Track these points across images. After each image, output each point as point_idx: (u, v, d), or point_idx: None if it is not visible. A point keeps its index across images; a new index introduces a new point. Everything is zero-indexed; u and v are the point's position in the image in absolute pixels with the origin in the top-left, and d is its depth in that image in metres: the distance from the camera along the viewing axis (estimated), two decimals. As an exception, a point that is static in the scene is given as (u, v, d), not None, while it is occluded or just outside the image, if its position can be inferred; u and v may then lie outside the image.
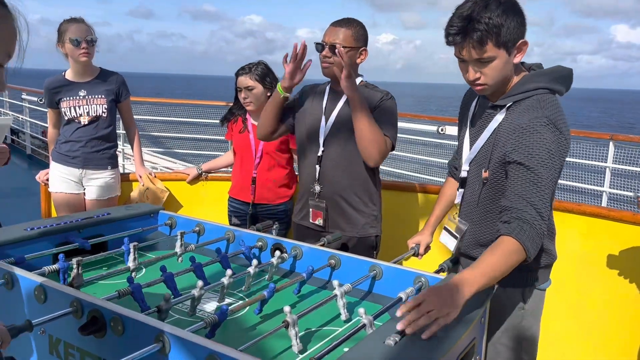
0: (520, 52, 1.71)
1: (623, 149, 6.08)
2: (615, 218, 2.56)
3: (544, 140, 1.63)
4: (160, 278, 1.74)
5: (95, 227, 2.28)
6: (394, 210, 2.97)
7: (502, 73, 1.71)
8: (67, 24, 3.17)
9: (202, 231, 2.37)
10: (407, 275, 1.86)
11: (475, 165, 1.88)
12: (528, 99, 1.73)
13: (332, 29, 2.47)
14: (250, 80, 3.05)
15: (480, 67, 1.70)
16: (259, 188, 3.13)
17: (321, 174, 2.56)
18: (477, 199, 1.87)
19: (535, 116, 1.67)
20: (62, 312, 1.45)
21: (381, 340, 1.28)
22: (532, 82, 1.74)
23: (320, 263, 2.01)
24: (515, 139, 1.67)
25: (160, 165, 8.82)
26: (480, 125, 1.88)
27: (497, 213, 1.78)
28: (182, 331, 1.29)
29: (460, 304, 1.44)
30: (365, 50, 2.53)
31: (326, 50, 2.46)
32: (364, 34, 2.51)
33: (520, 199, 1.62)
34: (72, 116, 3.23)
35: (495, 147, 1.77)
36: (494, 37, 1.62)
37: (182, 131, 8.81)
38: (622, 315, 2.54)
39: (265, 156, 3.12)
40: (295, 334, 1.46)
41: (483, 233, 1.90)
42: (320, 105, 2.62)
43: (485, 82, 1.73)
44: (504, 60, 1.68)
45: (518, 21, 1.65)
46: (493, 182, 1.80)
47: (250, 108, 3.11)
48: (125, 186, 3.51)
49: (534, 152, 1.63)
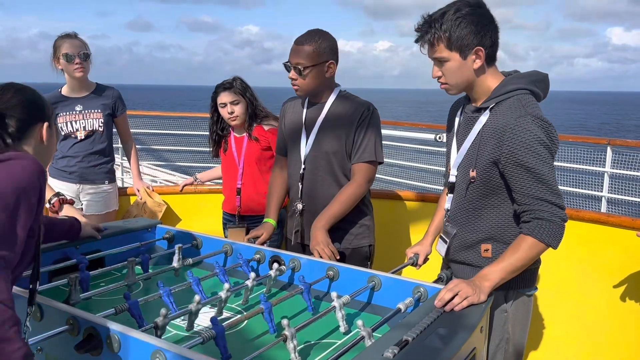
0: (478, 59, 1.82)
1: (621, 153, 6.08)
2: (614, 224, 2.56)
3: (535, 137, 1.73)
4: (158, 294, 1.72)
5: (92, 242, 2.27)
6: (388, 220, 2.96)
7: (459, 75, 1.85)
8: (61, 40, 3.19)
9: (199, 244, 2.36)
10: (405, 285, 1.85)
11: (463, 169, 1.93)
12: (509, 99, 1.83)
13: (295, 48, 2.36)
14: (234, 95, 3.05)
15: (439, 66, 1.87)
16: (245, 199, 3.13)
17: (304, 191, 2.50)
18: (464, 199, 1.93)
19: (519, 115, 1.76)
20: (58, 330, 1.45)
21: (379, 353, 1.27)
22: (511, 84, 1.85)
23: (318, 275, 2.00)
24: (508, 141, 1.75)
25: (160, 178, 8.81)
26: (466, 129, 1.95)
27: (482, 212, 1.89)
28: (178, 347, 1.28)
29: (485, 292, 1.67)
30: (333, 62, 2.42)
31: (292, 72, 2.38)
32: (328, 46, 2.38)
33: (533, 199, 1.75)
34: (68, 131, 3.23)
35: (481, 147, 1.85)
36: (444, 40, 1.80)
37: (182, 144, 8.81)
38: (623, 320, 2.53)
39: (248, 165, 3.12)
40: (294, 347, 1.44)
41: (469, 234, 1.93)
42: (299, 118, 2.54)
43: (445, 82, 1.89)
44: (458, 62, 1.82)
45: (474, 29, 1.79)
46: (480, 182, 1.87)
47: (235, 123, 3.11)
48: (123, 200, 3.50)
49: (530, 150, 1.73)
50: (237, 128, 3.17)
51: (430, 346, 1.34)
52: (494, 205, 1.88)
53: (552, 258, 2.66)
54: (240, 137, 3.16)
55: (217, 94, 3.11)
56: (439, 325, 1.47)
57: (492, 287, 1.70)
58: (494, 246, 1.89)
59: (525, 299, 1.94)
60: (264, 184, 3.13)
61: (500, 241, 1.88)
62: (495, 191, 1.86)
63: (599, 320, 2.59)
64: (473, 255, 1.93)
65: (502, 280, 1.73)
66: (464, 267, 1.97)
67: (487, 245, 1.91)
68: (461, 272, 1.96)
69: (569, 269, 2.63)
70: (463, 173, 1.92)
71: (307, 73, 2.35)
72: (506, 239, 1.87)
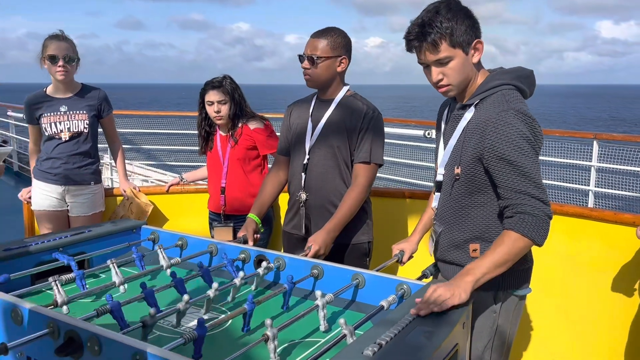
0: (477, 52, 1.82)
1: (607, 147, 6.14)
2: (598, 218, 2.58)
3: (518, 130, 1.71)
4: (140, 295, 1.72)
5: (76, 244, 2.26)
6: (383, 217, 2.97)
7: (462, 72, 1.82)
8: (48, 40, 3.16)
9: (184, 245, 2.36)
10: (389, 283, 1.86)
11: (449, 167, 1.92)
12: (493, 95, 1.83)
13: (310, 41, 2.51)
14: (222, 94, 3.06)
15: (441, 68, 1.81)
16: (229, 199, 3.13)
17: (307, 182, 2.56)
18: (449, 196, 1.91)
19: (502, 110, 1.75)
20: (39, 334, 1.44)
21: (360, 351, 1.28)
22: (496, 80, 1.84)
23: (303, 273, 2.00)
24: (490, 135, 1.74)
25: (151, 178, 8.77)
26: (452, 127, 1.95)
27: (468, 210, 1.87)
28: (159, 349, 1.28)
29: (465, 289, 1.60)
30: (346, 58, 2.53)
31: (305, 62, 2.50)
32: (342, 42, 2.50)
33: (516, 193, 1.72)
34: (52, 132, 3.21)
35: (465, 143, 1.84)
36: (447, 38, 1.76)
37: (172, 143, 8.79)
38: (609, 313, 2.55)
39: (233, 164, 3.12)
40: (274, 347, 1.45)
41: (456, 233, 1.92)
42: (306, 114, 2.63)
43: (448, 83, 1.83)
44: (462, 59, 1.79)
45: (469, 23, 1.78)
46: (465, 178, 1.85)
47: (221, 122, 3.12)
48: (110, 201, 3.48)
49: (512, 144, 1.70)
50: (223, 127, 3.17)
51: (411, 343, 1.35)
52: (480, 203, 1.86)
53: (537, 253, 2.69)
54: (225, 136, 3.16)
55: (205, 91, 3.11)
56: (420, 322, 1.48)
57: (475, 282, 1.64)
58: (482, 246, 1.87)
59: (515, 300, 1.91)
60: (248, 184, 3.13)
61: (488, 241, 1.85)
62: (481, 189, 1.84)
63: (584, 313, 2.61)
64: (461, 255, 1.92)
65: (485, 275, 1.66)
66: (452, 267, 1.95)
67: (475, 245, 1.89)
68: (450, 272, 1.93)
69: (554, 264, 2.65)
70: (449, 171, 1.91)
71: (320, 63, 2.47)
72: (494, 238, 1.79)
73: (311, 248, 2.31)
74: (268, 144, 3.13)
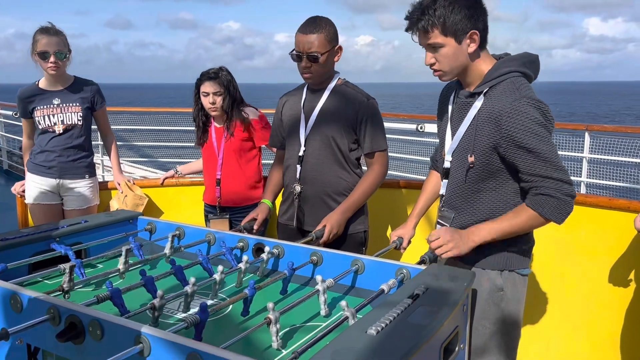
0: (473, 42, 1.83)
1: (598, 138, 6.19)
2: (592, 204, 2.60)
3: (533, 118, 1.76)
4: (141, 282, 1.71)
5: (73, 235, 2.24)
6: (379, 207, 2.98)
7: (455, 60, 1.85)
8: (39, 35, 3.12)
9: (182, 235, 2.35)
10: (388, 267, 1.86)
11: (458, 154, 1.95)
12: (502, 83, 1.85)
13: (303, 37, 2.41)
14: (218, 86, 3.05)
15: (433, 52, 1.86)
16: (224, 190, 3.12)
17: (303, 173, 2.56)
18: (463, 184, 1.95)
19: (514, 99, 1.78)
20: (39, 320, 1.43)
21: (363, 330, 1.28)
22: (504, 67, 1.86)
23: (302, 260, 2.00)
24: (506, 125, 1.78)
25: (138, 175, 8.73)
26: (460, 115, 1.96)
27: (480, 195, 1.92)
28: (161, 332, 1.28)
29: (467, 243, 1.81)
30: (340, 47, 2.53)
31: (305, 61, 2.43)
32: (334, 31, 2.47)
33: (538, 177, 1.79)
34: (46, 125, 3.18)
35: (478, 132, 1.87)
36: (439, 25, 1.79)
37: (164, 139, 8.74)
38: (603, 298, 2.58)
39: (228, 156, 3.11)
40: (276, 331, 1.45)
41: (468, 216, 1.96)
42: (298, 105, 2.61)
43: (440, 68, 1.88)
44: (453, 47, 1.82)
45: (467, 13, 1.79)
46: (480, 166, 1.89)
47: (215, 113, 3.11)
48: (104, 194, 3.47)
49: (529, 132, 1.76)
50: (218, 118, 3.16)
51: (414, 323, 1.35)
52: (493, 187, 1.91)
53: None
54: (220, 128, 3.15)
55: (201, 82, 3.09)
56: (421, 303, 1.48)
57: (479, 243, 1.82)
58: None
59: (519, 278, 1.97)
60: (243, 176, 3.13)
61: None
62: (495, 174, 1.89)
63: (578, 299, 2.64)
64: None
65: (490, 239, 1.82)
66: None
67: None
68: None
69: (549, 250, 2.67)
70: (459, 159, 1.94)
71: (323, 60, 2.42)
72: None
73: (321, 233, 2.34)
74: (263, 136, 3.12)
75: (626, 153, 6.20)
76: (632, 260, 2.49)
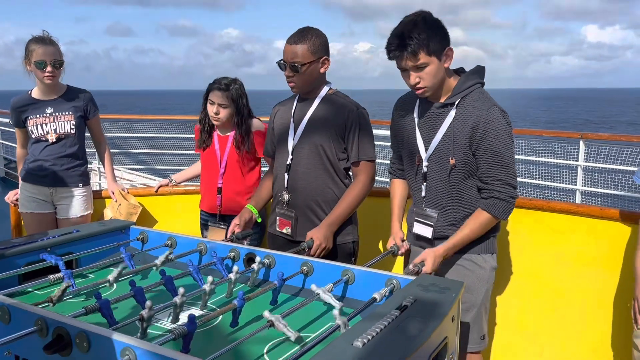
0: (448, 58, 2.10)
1: (593, 146, 6.21)
2: (584, 213, 2.61)
3: (503, 126, 2.07)
4: (130, 293, 1.71)
5: (64, 245, 2.24)
6: (368, 217, 2.98)
7: (437, 76, 2.10)
8: (34, 44, 3.11)
9: (174, 244, 2.35)
10: (379, 277, 1.87)
11: (436, 158, 2.20)
12: (471, 94, 2.14)
13: (288, 47, 2.44)
14: (225, 98, 3.03)
15: (417, 72, 2.09)
16: (226, 199, 3.12)
17: (290, 182, 2.56)
18: (447, 184, 2.19)
19: (487, 107, 2.08)
20: (27, 331, 1.43)
21: (349, 343, 1.28)
22: (470, 80, 2.16)
23: (293, 270, 2.00)
24: (481, 129, 2.06)
25: (138, 182, 8.71)
26: (433, 124, 2.20)
27: (463, 192, 2.18)
28: (148, 344, 1.28)
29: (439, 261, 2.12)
30: (327, 58, 2.51)
31: (287, 70, 2.46)
32: (321, 43, 2.46)
33: (494, 180, 2.11)
34: (39, 134, 3.18)
35: (456, 137, 2.13)
36: (424, 48, 2.03)
37: (161, 147, 8.74)
38: (595, 307, 2.58)
39: (231, 166, 3.12)
40: (284, 325, 1.48)
41: (453, 213, 2.22)
42: (288, 114, 2.63)
43: (424, 85, 2.11)
44: (436, 65, 2.08)
45: (441, 34, 2.07)
46: (461, 167, 2.15)
47: (217, 123, 3.11)
48: (98, 203, 3.46)
49: (500, 138, 2.06)
50: (220, 127, 3.16)
51: (401, 334, 1.36)
52: (472, 185, 2.18)
53: (525, 248, 2.72)
54: (224, 137, 3.15)
55: (211, 89, 3.07)
56: (409, 315, 1.48)
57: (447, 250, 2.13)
58: None
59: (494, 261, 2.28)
60: (244, 185, 3.13)
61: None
62: (475, 173, 2.15)
63: (570, 308, 2.64)
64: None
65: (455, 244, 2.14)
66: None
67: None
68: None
69: (541, 259, 2.68)
70: (438, 162, 2.19)
71: (304, 70, 2.44)
72: None
73: (312, 242, 2.34)
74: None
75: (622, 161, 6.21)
76: (623, 269, 2.50)
